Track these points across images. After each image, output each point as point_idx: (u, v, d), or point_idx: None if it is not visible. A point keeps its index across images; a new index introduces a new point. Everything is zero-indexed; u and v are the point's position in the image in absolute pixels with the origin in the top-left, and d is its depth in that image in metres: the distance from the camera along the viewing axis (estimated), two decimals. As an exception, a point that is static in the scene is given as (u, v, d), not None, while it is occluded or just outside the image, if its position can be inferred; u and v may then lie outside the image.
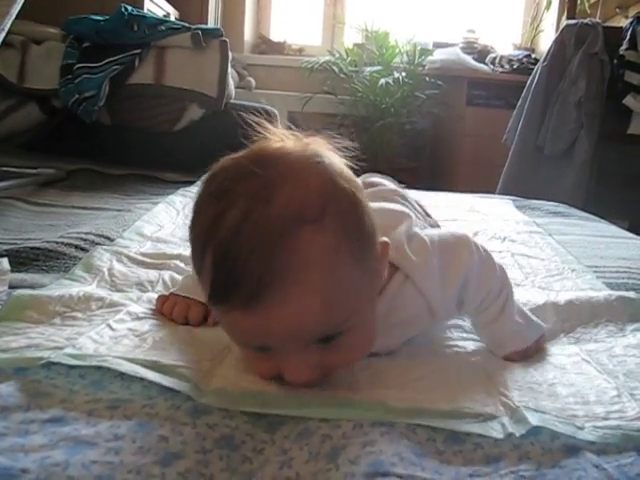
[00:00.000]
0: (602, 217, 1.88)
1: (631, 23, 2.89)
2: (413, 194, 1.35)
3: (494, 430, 0.62)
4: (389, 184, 1.19)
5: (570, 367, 0.79)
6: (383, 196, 1.03)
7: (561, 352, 0.84)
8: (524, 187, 2.88)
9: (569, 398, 0.69)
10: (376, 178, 1.18)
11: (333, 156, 0.66)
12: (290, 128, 0.70)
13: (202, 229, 0.63)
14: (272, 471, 0.56)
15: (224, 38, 2.10)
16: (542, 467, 0.58)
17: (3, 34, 1.29)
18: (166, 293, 0.90)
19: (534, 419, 0.62)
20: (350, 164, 0.68)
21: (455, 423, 0.62)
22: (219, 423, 0.62)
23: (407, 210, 0.95)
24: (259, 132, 0.67)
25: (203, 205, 0.65)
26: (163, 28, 2.05)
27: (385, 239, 0.72)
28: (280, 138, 0.67)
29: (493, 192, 2.84)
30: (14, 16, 1.34)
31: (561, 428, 0.62)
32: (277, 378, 0.68)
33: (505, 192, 2.82)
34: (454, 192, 2.19)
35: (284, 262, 0.59)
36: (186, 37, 2.05)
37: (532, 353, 0.82)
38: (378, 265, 0.70)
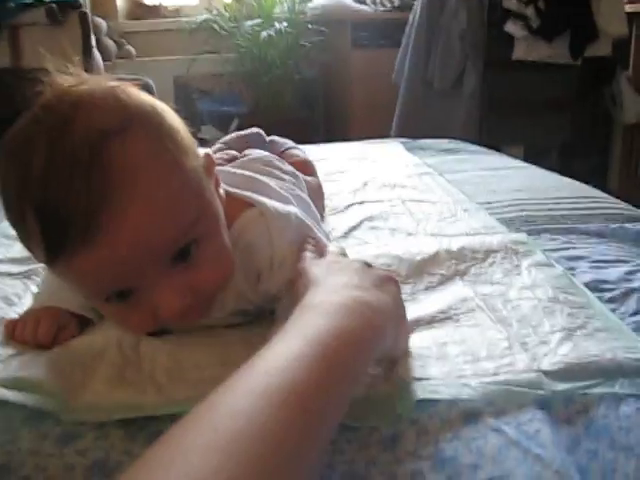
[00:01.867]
0: (497, 146, 1.88)
1: (503, -52, 2.88)
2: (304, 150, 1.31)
3: (386, 415, 0.58)
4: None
5: (463, 317, 0.76)
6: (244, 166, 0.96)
7: (454, 297, 0.81)
8: (418, 126, 2.88)
9: (459, 357, 0.66)
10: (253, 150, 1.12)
11: (122, 84, 0.62)
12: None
13: (12, 192, 0.58)
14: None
15: (83, 9, 1.97)
16: (440, 441, 0.55)
17: None
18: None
19: (418, 391, 0.59)
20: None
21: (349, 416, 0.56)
22: (91, 447, 0.56)
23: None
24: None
25: (3, 168, 0.59)
26: (12, 5, 1.90)
27: (208, 151, 0.70)
28: (61, 82, 0.61)
29: (389, 135, 2.82)
30: None
31: (445, 392, 0.59)
32: (152, 326, 0.65)
33: (400, 133, 2.81)
34: (349, 140, 2.14)
35: (105, 181, 0.55)
36: (40, 13, 1.91)
37: None
38: (206, 171, 0.67)
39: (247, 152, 1.10)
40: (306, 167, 1.21)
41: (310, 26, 3.54)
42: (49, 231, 0.56)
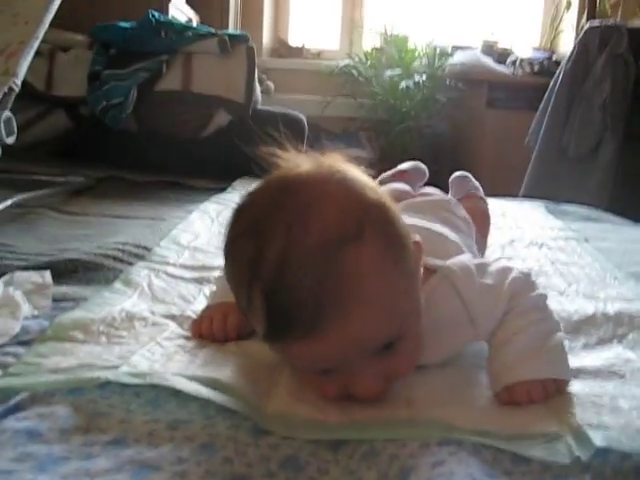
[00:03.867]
0: (627, 219, 1.85)
1: (655, 24, 2.86)
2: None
3: (560, 453, 0.59)
4: (438, 193, 1.17)
5: (629, 376, 0.76)
6: (425, 208, 1.01)
7: (617, 358, 0.82)
8: (548, 189, 2.85)
9: (632, 412, 0.67)
10: (428, 189, 1.16)
11: (352, 169, 0.67)
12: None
13: (243, 269, 0.62)
14: (342, 493, 0.55)
15: (251, 44, 2.10)
16: (615, 489, 0.56)
17: (37, 42, 1.28)
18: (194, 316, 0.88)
19: (598, 439, 0.60)
20: (368, 172, 0.69)
21: (521, 445, 0.60)
22: (281, 443, 0.60)
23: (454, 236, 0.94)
24: (273, 155, 0.67)
25: (238, 244, 0.64)
26: (190, 34, 2.04)
27: (417, 238, 0.72)
28: (295, 162, 0.67)
29: (515, 196, 2.81)
30: (47, 25, 1.34)
31: (627, 446, 0.60)
32: (343, 396, 0.67)
33: (529, 195, 2.79)
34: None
35: (336, 285, 0.59)
36: (213, 43, 2.04)
37: (539, 396, 0.69)
38: (416, 265, 0.70)
39: (425, 190, 1.13)
40: (482, 222, 1.22)
41: (447, 82, 3.59)
42: (273, 319, 0.61)
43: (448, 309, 0.75)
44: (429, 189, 1.16)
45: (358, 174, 0.66)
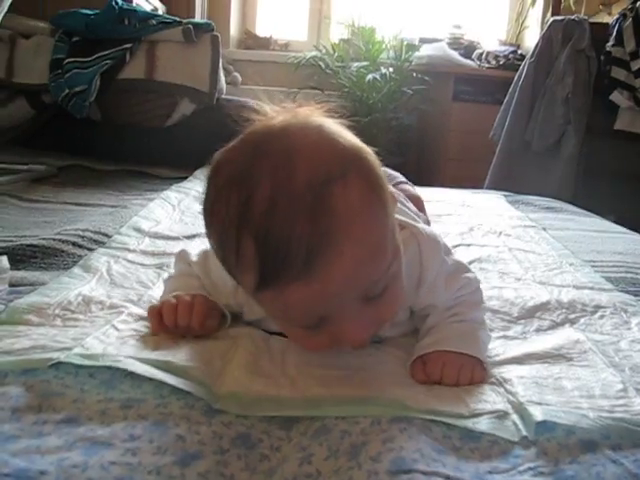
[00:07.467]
0: (589, 211, 1.89)
1: (617, 20, 2.90)
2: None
3: (508, 430, 0.61)
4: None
5: (576, 357, 0.79)
6: None
7: (567, 340, 0.84)
8: (512, 183, 2.89)
9: (574, 392, 0.69)
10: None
11: (328, 120, 0.67)
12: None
13: (230, 220, 0.62)
14: (292, 468, 0.55)
15: (215, 33, 2.09)
16: (560, 463, 0.58)
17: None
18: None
19: (538, 413, 0.62)
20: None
21: (470, 422, 0.62)
22: (234, 421, 0.61)
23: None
24: (248, 118, 0.68)
25: (222, 196, 0.64)
26: (154, 22, 2.03)
27: (391, 188, 0.73)
28: (271, 115, 0.68)
29: (480, 188, 2.84)
30: (5, 9, 1.32)
31: (565, 418, 0.62)
32: (331, 348, 0.69)
33: (493, 187, 2.83)
34: (442, 188, 2.19)
35: (327, 223, 0.59)
36: (177, 31, 2.03)
37: (453, 368, 0.72)
38: (393, 210, 0.71)
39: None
40: (417, 202, 1.26)
41: (414, 75, 3.61)
42: (267, 262, 0.60)
43: (406, 266, 0.76)
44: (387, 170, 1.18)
45: (335, 124, 0.67)
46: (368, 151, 0.67)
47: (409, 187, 1.34)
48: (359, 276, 0.63)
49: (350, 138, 0.66)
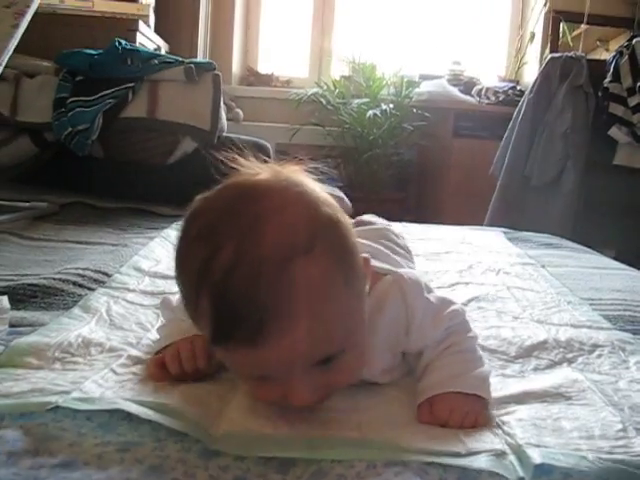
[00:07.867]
0: (589, 246, 1.90)
1: (614, 57, 2.94)
2: (402, 228, 1.37)
3: (506, 468, 0.61)
4: (379, 222, 1.19)
5: (575, 396, 0.79)
6: (368, 237, 1.02)
7: (565, 379, 0.84)
8: (512, 218, 2.90)
9: (573, 432, 0.69)
10: (367, 217, 1.18)
11: (310, 182, 0.67)
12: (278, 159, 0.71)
13: (193, 273, 0.63)
14: (289, 514, 0.55)
15: (217, 72, 2.12)
16: (556, 507, 0.58)
17: (1, 68, 1.29)
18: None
19: (536, 456, 0.62)
20: (327, 188, 0.69)
21: (466, 460, 0.62)
22: (230, 465, 0.61)
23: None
24: (232, 167, 0.68)
25: (190, 248, 0.65)
26: (156, 62, 2.06)
27: (365, 255, 0.73)
28: (255, 170, 0.67)
29: (480, 224, 2.86)
30: (11, 51, 1.35)
31: (563, 461, 0.61)
32: (280, 400, 0.68)
33: (493, 223, 2.84)
34: (441, 224, 2.20)
35: (283, 296, 0.60)
36: (179, 71, 2.06)
37: (459, 413, 0.71)
38: (363, 281, 0.71)
39: (366, 218, 1.16)
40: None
41: (414, 111, 3.64)
42: (220, 322, 0.61)
43: (392, 314, 0.77)
44: (369, 217, 1.18)
45: (315, 187, 0.67)
46: (341, 219, 0.67)
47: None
48: (308, 350, 0.63)
49: (327, 205, 0.66)
